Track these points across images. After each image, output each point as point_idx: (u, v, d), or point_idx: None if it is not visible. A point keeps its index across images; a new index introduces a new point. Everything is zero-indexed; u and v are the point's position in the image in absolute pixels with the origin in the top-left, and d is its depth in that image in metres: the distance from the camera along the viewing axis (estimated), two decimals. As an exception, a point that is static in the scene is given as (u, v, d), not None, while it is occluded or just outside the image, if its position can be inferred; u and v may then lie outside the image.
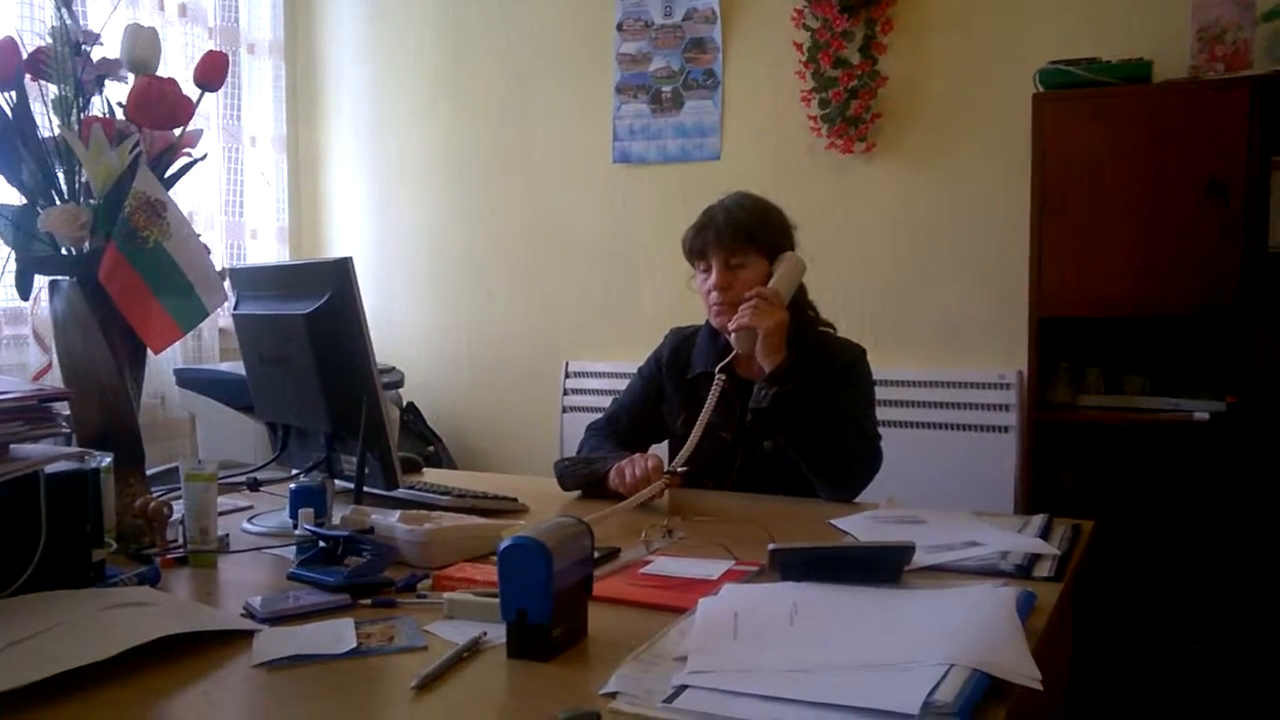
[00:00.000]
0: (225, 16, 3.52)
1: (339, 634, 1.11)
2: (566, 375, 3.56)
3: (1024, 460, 2.81)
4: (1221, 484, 2.57)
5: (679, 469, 1.77)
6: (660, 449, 2.01)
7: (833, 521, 1.61)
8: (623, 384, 2.19)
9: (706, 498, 1.89)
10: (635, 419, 2.05)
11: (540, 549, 1.02)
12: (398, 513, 1.47)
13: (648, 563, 1.38)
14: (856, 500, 1.84)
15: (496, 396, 3.74)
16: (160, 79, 1.53)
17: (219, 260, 3.47)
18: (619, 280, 3.51)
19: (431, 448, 3.61)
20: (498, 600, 1.06)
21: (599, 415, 2.15)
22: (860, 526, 1.57)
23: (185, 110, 1.55)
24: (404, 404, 3.62)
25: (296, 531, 1.42)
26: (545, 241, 3.63)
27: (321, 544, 1.36)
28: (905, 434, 2.97)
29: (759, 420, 1.85)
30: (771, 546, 1.26)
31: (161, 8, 3.26)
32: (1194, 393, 2.62)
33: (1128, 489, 2.68)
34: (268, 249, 3.77)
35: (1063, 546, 1.44)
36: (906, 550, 1.26)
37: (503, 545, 1.04)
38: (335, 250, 3.94)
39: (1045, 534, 1.51)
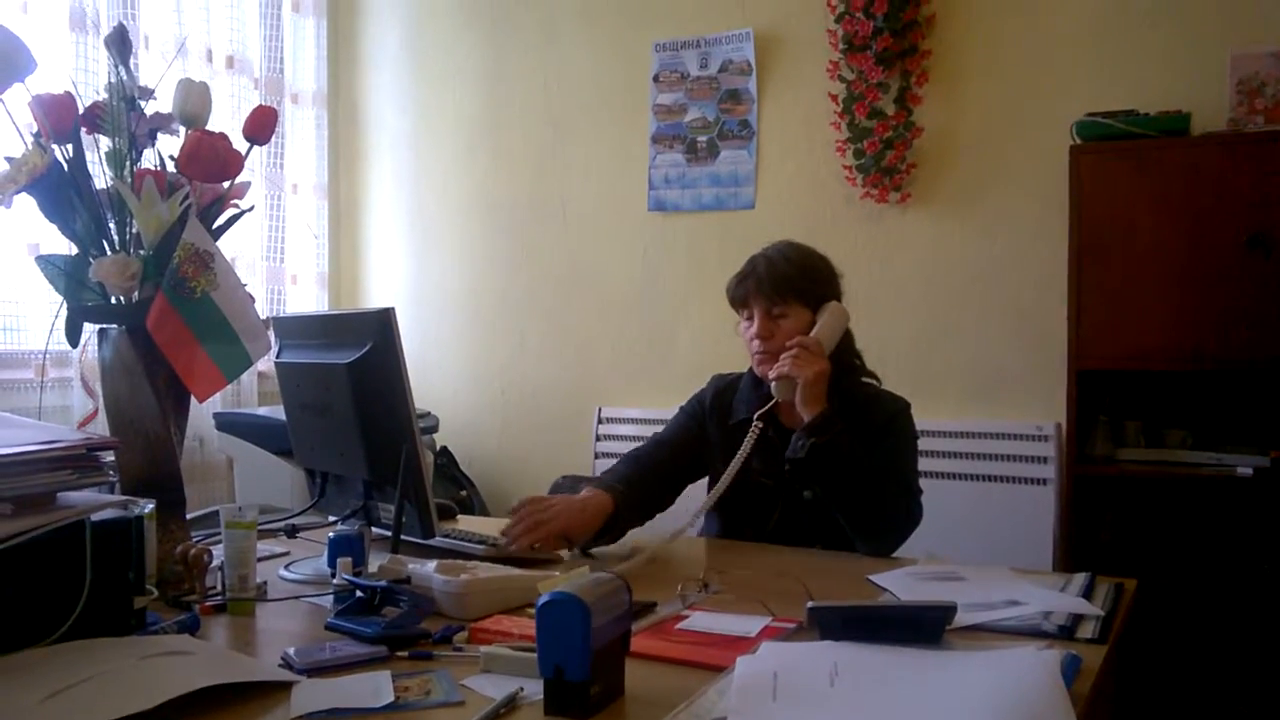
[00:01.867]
0: (271, 68, 3.61)
1: (376, 687, 1.11)
2: (599, 421, 3.56)
3: (1063, 514, 2.77)
4: (1266, 541, 2.52)
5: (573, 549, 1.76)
6: (699, 487, 2.01)
7: (870, 577, 1.59)
8: (655, 429, 2.17)
9: (742, 550, 1.88)
10: (675, 452, 2.02)
11: (579, 605, 1.01)
12: (434, 562, 1.47)
13: (684, 617, 1.37)
14: (895, 555, 1.82)
15: (530, 441, 3.75)
16: (211, 134, 1.57)
17: (260, 306, 3.52)
18: (653, 327, 3.53)
19: (464, 492, 3.62)
20: (535, 655, 1.05)
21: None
22: (898, 583, 1.55)
23: (235, 164, 1.58)
24: (438, 448, 3.64)
25: (334, 580, 1.43)
26: (580, 288, 3.66)
27: (359, 594, 1.36)
28: (942, 485, 2.94)
29: (796, 470, 1.84)
30: (810, 604, 1.25)
31: (210, 59, 3.35)
32: (1237, 447, 2.57)
33: (1169, 545, 2.63)
34: (308, 294, 3.83)
35: (1106, 606, 1.41)
36: (948, 610, 1.24)
37: (541, 601, 1.04)
38: (373, 295, 3.99)
39: (1088, 593, 1.48)
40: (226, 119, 3.33)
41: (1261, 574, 2.51)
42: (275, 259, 3.64)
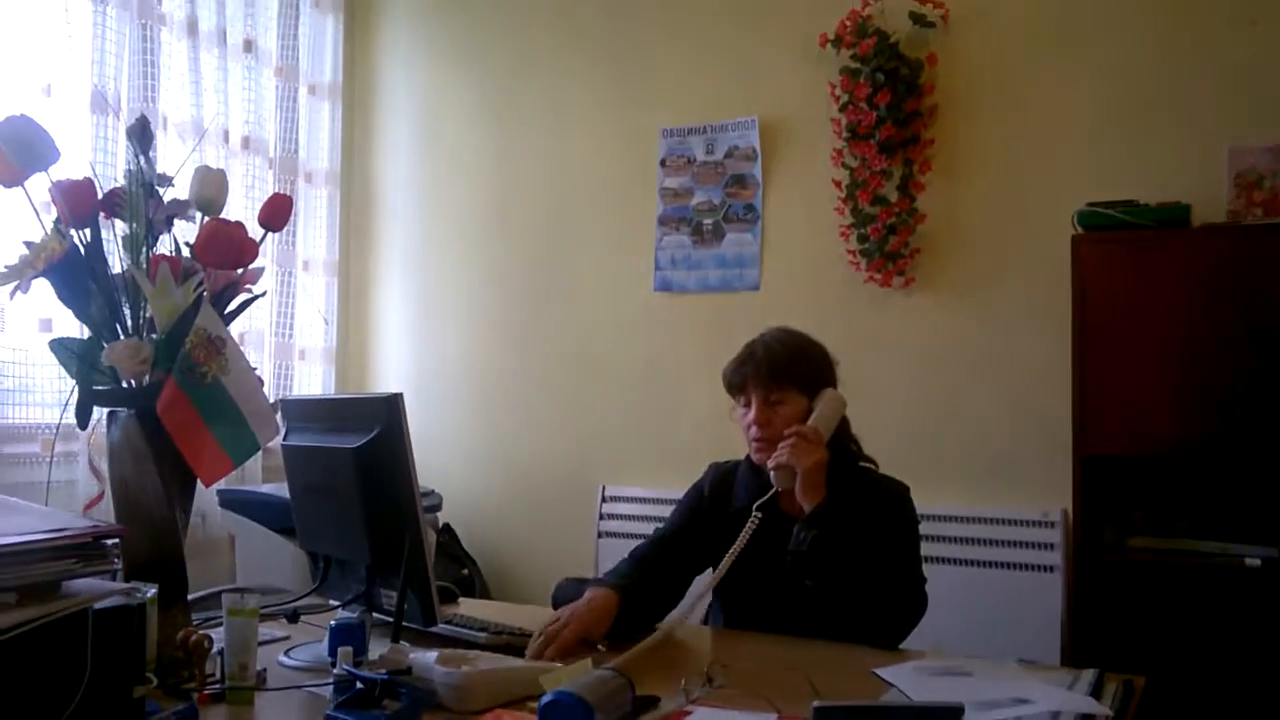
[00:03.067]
0: (285, 148, 3.67)
1: (375, 785, 1.09)
2: (603, 499, 3.55)
3: (1069, 602, 2.74)
4: (1277, 633, 2.48)
5: (600, 646, 1.73)
6: (705, 578, 1.99)
7: (877, 671, 1.57)
8: (659, 509, 2.18)
9: (746, 640, 1.87)
10: (676, 550, 2.01)
11: (583, 707, 1.01)
12: (435, 653, 1.46)
13: (688, 714, 1.36)
14: (902, 646, 1.80)
15: (532, 519, 3.73)
16: (227, 222, 1.60)
17: (268, 380, 3.54)
18: (657, 405, 3.53)
19: (466, 571, 3.59)
20: (537, 755, 1.04)
21: (634, 540, 2.12)
22: (905, 678, 1.54)
23: (250, 252, 1.61)
24: (440, 525, 3.62)
25: (335, 670, 1.42)
26: (585, 366, 3.68)
27: (359, 685, 1.35)
28: (947, 571, 2.91)
29: (798, 562, 1.83)
30: (816, 704, 1.24)
31: (226, 140, 3.41)
32: (1245, 537, 2.56)
33: (1179, 635, 2.59)
34: (315, 370, 3.84)
35: (1114, 705, 1.40)
36: (956, 711, 1.23)
37: (544, 700, 1.03)
38: (380, 372, 4.01)
39: (1096, 690, 1.47)
40: (240, 196, 3.39)
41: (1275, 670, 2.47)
42: (284, 335, 3.67)
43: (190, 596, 1.68)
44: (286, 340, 3.68)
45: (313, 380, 3.83)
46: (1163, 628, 2.58)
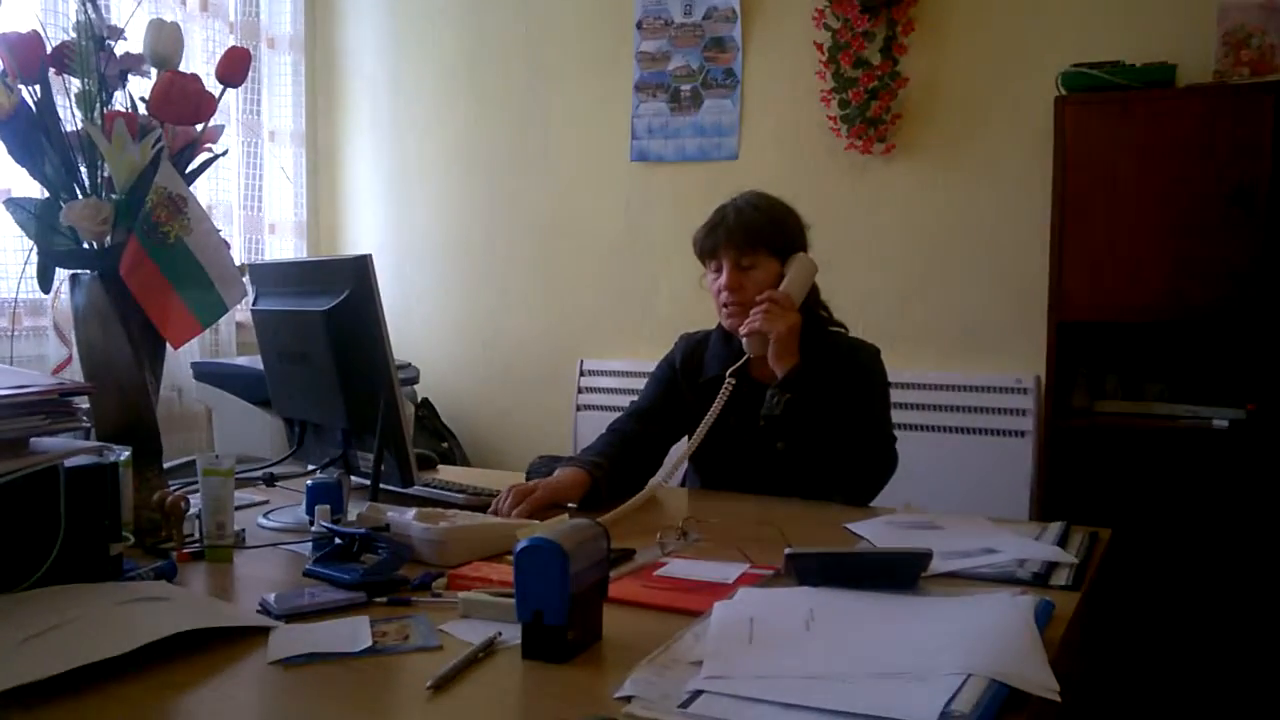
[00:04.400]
0: (246, 11, 3.53)
1: (354, 632, 1.11)
2: (581, 373, 3.56)
3: (1040, 465, 2.80)
4: (1241, 493, 2.54)
5: (570, 505, 1.75)
6: (680, 448, 2.00)
7: (848, 526, 1.60)
8: (637, 382, 2.18)
9: (722, 499, 1.89)
10: (652, 421, 2.03)
11: (557, 551, 1.02)
12: (413, 510, 1.47)
13: (662, 565, 1.38)
14: (873, 504, 1.84)
15: (511, 393, 3.74)
16: (183, 75, 1.53)
17: (237, 255, 3.48)
18: (635, 278, 3.51)
19: (445, 444, 3.62)
20: (513, 601, 1.06)
21: (613, 413, 2.14)
22: (876, 531, 1.57)
23: (207, 106, 1.55)
24: (419, 400, 3.63)
25: (313, 528, 1.43)
26: (562, 238, 3.63)
27: (338, 541, 1.36)
28: (921, 436, 2.96)
29: (772, 426, 1.84)
30: (788, 551, 1.26)
31: (184, 2, 3.27)
32: (1214, 400, 2.60)
33: (1146, 496, 2.65)
34: (285, 243, 3.78)
35: (1080, 554, 1.43)
36: (924, 556, 1.25)
37: (519, 546, 1.04)
38: (352, 245, 3.95)
39: (1063, 541, 1.50)
40: (200, 66, 3.26)
41: (1239, 525, 2.54)
42: (252, 207, 3.60)
43: (167, 465, 1.68)
44: (255, 214, 3.61)
45: (284, 254, 3.77)
46: (1130, 489, 2.64)
